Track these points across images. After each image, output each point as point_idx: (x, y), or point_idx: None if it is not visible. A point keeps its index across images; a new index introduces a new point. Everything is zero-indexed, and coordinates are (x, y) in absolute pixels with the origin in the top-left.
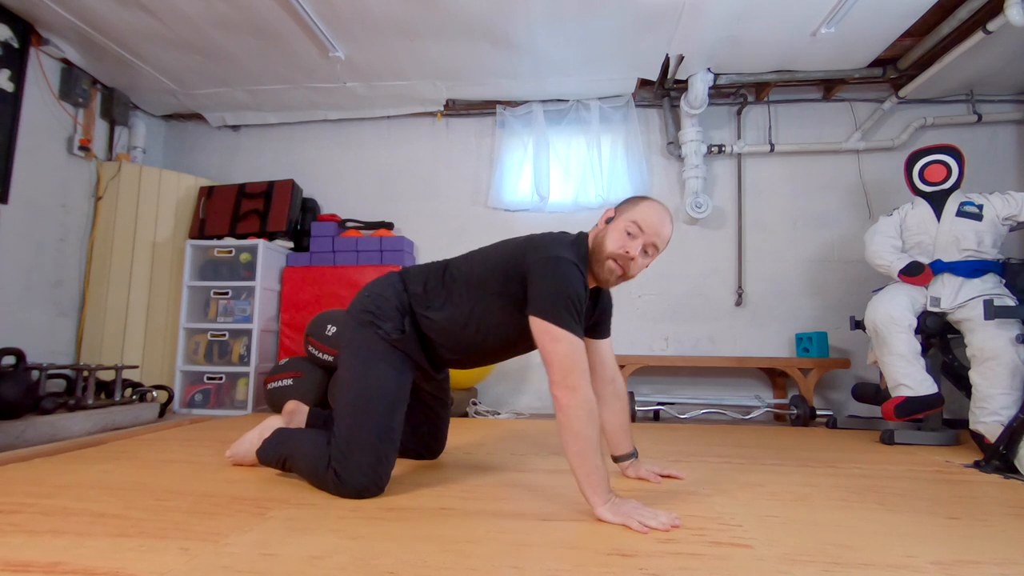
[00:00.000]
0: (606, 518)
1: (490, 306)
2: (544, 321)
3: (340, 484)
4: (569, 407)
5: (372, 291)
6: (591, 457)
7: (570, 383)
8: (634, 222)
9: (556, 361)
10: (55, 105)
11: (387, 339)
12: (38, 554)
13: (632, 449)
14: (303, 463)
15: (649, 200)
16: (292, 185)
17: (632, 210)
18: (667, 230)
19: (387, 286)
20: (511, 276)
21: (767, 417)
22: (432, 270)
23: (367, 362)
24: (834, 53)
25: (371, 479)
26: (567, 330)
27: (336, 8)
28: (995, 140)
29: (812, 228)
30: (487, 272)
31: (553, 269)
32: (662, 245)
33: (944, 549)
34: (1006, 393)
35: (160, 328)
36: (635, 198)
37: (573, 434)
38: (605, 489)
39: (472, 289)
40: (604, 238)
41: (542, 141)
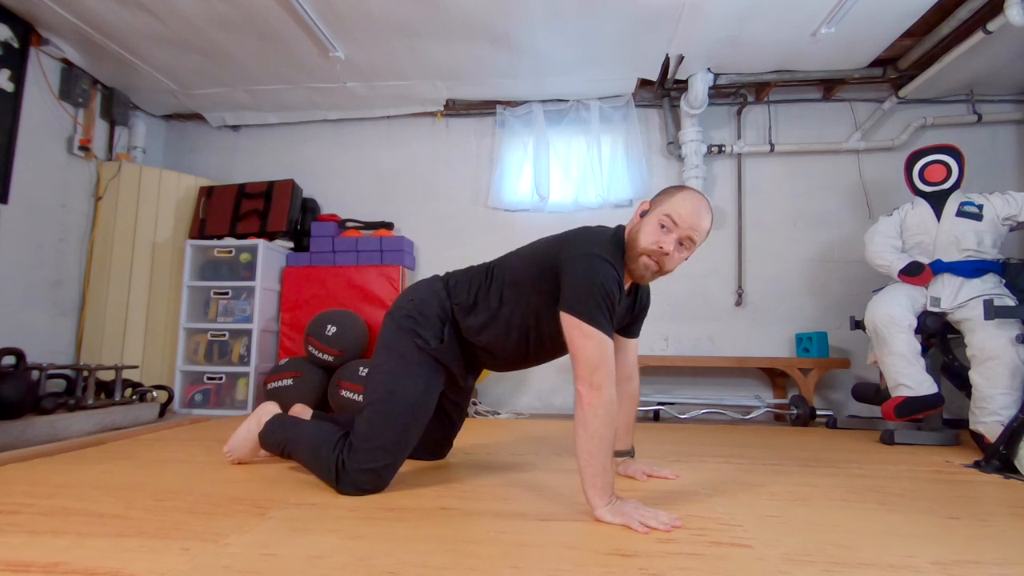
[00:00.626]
0: (605, 519)
1: (530, 305)
2: (575, 318)
3: (342, 473)
4: (591, 405)
5: (416, 295)
6: (601, 458)
7: (595, 381)
8: (668, 215)
9: (584, 358)
10: (55, 105)
11: (425, 348)
12: (38, 554)
13: (630, 448)
14: (306, 447)
15: (685, 190)
16: (292, 185)
17: (667, 202)
18: (704, 222)
19: (431, 292)
20: (545, 272)
21: (767, 417)
22: (475, 276)
23: (400, 368)
24: (834, 53)
25: (374, 478)
26: (598, 328)
27: (336, 8)
28: (995, 140)
29: (812, 228)
30: (523, 271)
31: (586, 266)
32: (699, 238)
33: (944, 549)
34: (1006, 393)
35: (160, 328)
36: (671, 189)
37: (589, 432)
38: (608, 491)
39: (511, 289)
40: (638, 233)
41: (542, 141)
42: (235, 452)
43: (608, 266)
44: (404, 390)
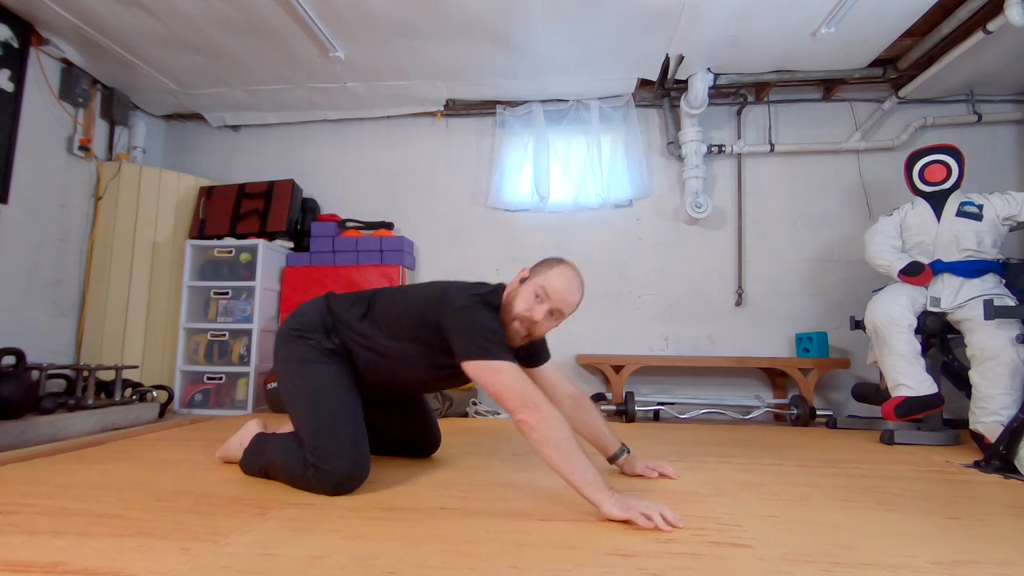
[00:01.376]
0: (613, 514)
1: (406, 348)
2: (478, 361)
3: (323, 477)
4: (537, 423)
5: (297, 312)
6: (577, 461)
7: (529, 403)
8: (543, 287)
9: (506, 389)
10: (55, 105)
11: (319, 348)
12: (38, 554)
13: (620, 445)
14: (281, 471)
15: (563, 266)
16: (292, 185)
17: (544, 275)
18: (574, 298)
19: (313, 308)
20: (425, 323)
21: (767, 417)
22: (358, 301)
23: (306, 365)
24: (834, 53)
25: (351, 461)
26: (501, 359)
27: (336, 8)
28: (995, 140)
29: (812, 228)
30: (404, 317)
31: (467, 315)
32: (568, 311)
33: (944, 549)
34: (1006, 393)
35: (160, 328)
36: (551, 260)
37: (552, 445)
38: (603, 486)
39: (391, 328)
40: (515, 298)
41: (542, 141)
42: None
43: (484, 311)
44: (320, 376)
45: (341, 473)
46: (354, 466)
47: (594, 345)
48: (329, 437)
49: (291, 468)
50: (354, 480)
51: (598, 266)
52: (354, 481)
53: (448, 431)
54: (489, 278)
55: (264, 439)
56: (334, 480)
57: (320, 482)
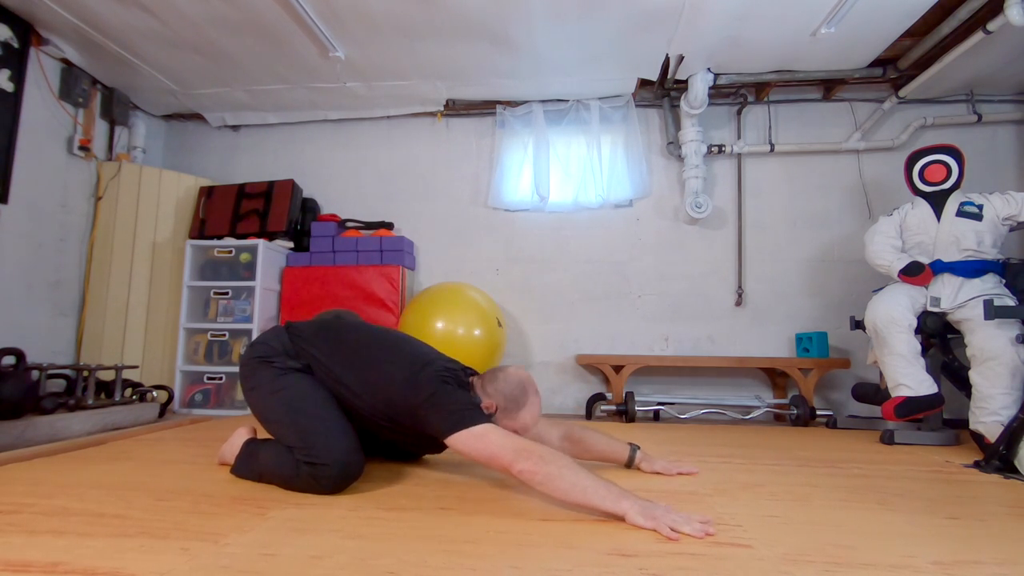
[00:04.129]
0: (638, 523)
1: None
2: (459, 433)
3: (319, 473)
4: (536, 466)
5: (257, 341)
6: (588, 479)
7: (522, 452)
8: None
9: (497, 450)
10: (55, 105)
11: (283, 367)
12: (38, 554)
13: (629, 448)
14: (273, 476)
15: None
16: (292, 185)
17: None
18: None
19: (272, 336)
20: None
21: (767, 417)
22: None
23: (275, 383)
24: (834, 53)
25: (344, 451)
26: (482, 422)
27: (336, 8)
28: (995, 140)
29: (812, 228)
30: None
31: (440, 398)
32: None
33: (944, 549)
34: (1006, 393)
35: (160, 328)
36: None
37: (557, 478)
38: (621, 495)
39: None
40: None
41: (542, 141)
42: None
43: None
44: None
45: (338, 463)
46: (348, 454)
47: (594, 345)
48: (317, 436)
49: (284, 472)
50: (351, 468)
51: (598, 266)
52: (351, 469)
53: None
54: (489, 278)
55: (255, 446)
56: (332, 472)
57: (317, 479)
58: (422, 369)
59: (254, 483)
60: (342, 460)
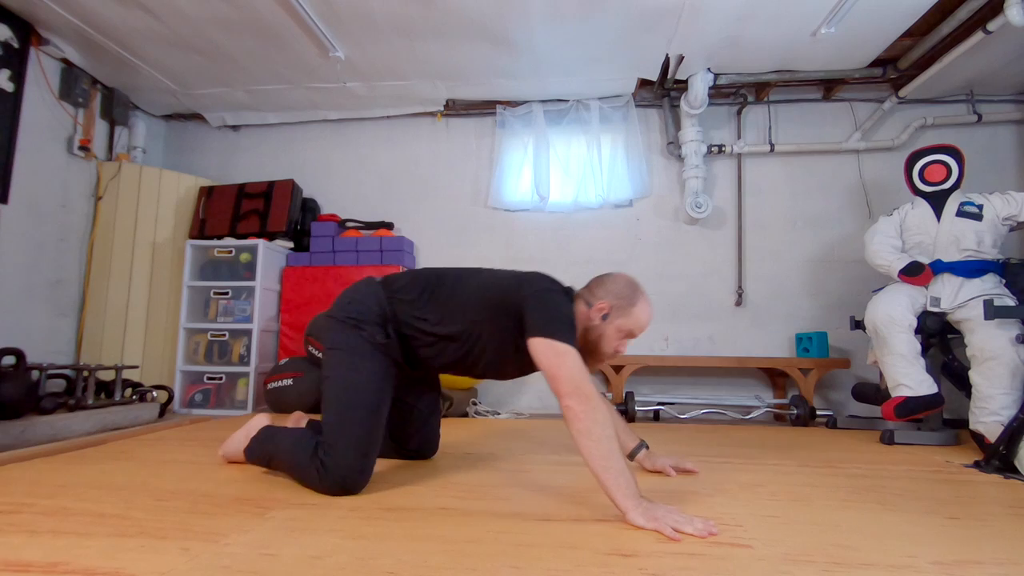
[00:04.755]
0: (638, 523)
1: (482, 332)
2: (546, 339)
3: (323, 474)
4: (585, 413)
5: (353, 298)
6: (616, 461)
7: (581, 392)
8: (633, 330)
9: (564, 374)
10: (55, 105)
11: (371, 341)
12: (38, 554)
13: (639, 441)
14: (286, 457)
15: (643, 298)
16: (292, 185)
17: (631, 315)
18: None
19: (368, 295)
20: (504, 310)
21: (767, 417)
22: (422, 283)
23: (353, 360)
24: (834, 53)
25: (355, 471)
26: (568, 344)
27: (336, 8)
28: (995, 140)
29: (812, 228)
30: (480, 303)
31: (552, 299)
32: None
33: (944, 549)
34: (1006, 393)
35: (160, 328)
36: (630, 294)
37: (594, 441)
38: (635, 493)
39: (466, 312)
40: (601, 335)
41: (542, 141)
42: (229, 456)
43: (568, 304)
44: (362, 378)
45: (341, 478)
46: (355, 477)
47: None
48: (346, 439)
49: (298, 456)
50: (350, 488)
51: (598, 266)
52: (349, 487)
53: (448, 431)
54: None
55: (274, 429)
56: (332, 481)
57: (321, 477)
58: (538, 276)
59: (254, 483)
60: (346, 477)
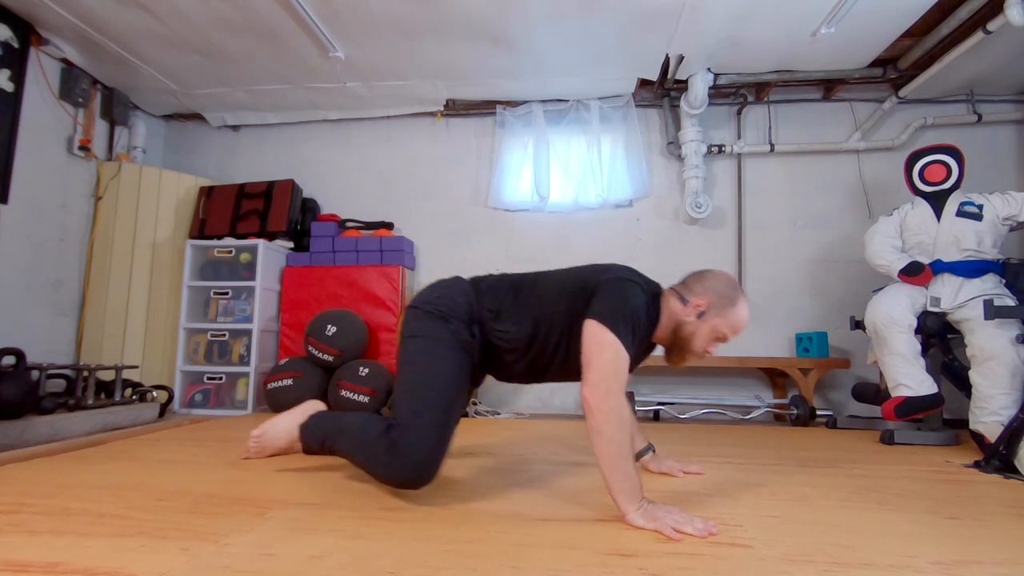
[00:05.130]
0: (637, 523)
1: (557, 324)
2: (599, 323)
3: (393, 455)
4: (601, 411)
5: (444, 292)
6: (623, 463)
7: (605, 388)
8: (729, 330)
9: (598, 365)
10: (55, 105)
11: (457, 336)
12: (38, 554)
13: (647, 443)
14: (352, 435)
15: (743, 300)
16: (292, 185)
17: (729, 316)
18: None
19: (459, 291)
20: (580, 294)
21: (767, 417)
22: (504, 286)
23: (438, 348)
24: (834, 53)
25: (431, 455)
26: (619, 338)
27: (336, 8)
28: (995, 140)
29: (812, 228)
30: (557, 291)
31: (623, 288)
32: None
33: (944, 549)
34: (1006, 393)
35: (160, 328)
36: (730, 294)
37: (604, 440)
38: (636, 495)
39: (541, 307)
40: (693, 333)
41: (542, 141)
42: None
43: (642, 298)
44: (445, 370)
45: (415, 461)
46: (429, 462)
47: None
48: (425, 421)
49: (367, 434)
50: (421, 473)
51: None
52: (421, 474)
53: None
54: None
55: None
56: (403, 463)
57: (391, 458)
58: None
59: (254, 483)
60: (421, 463)
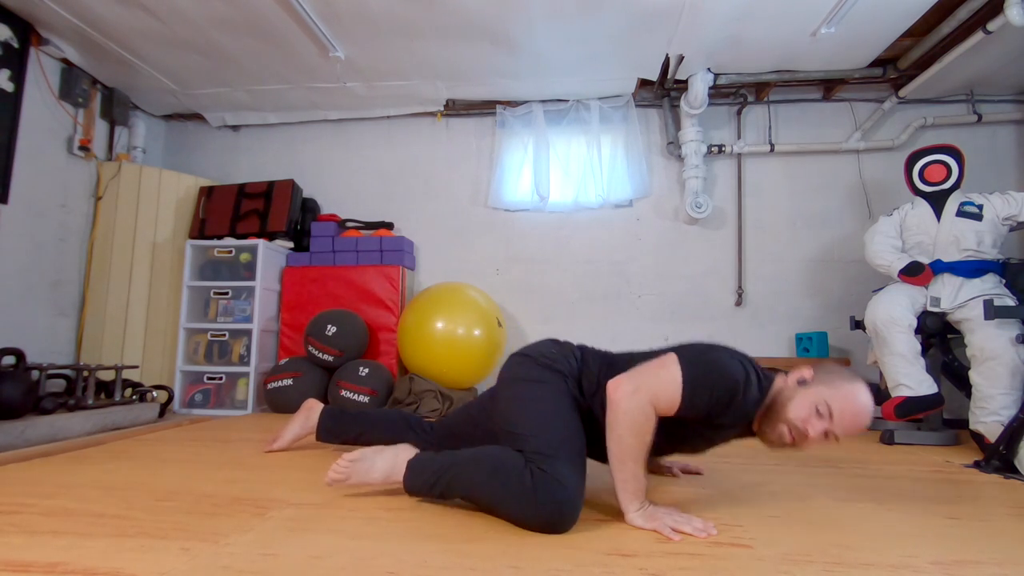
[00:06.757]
0: (636, 523)
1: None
2: (675, 355)
3: (539, 487)
4: (620, 407)
5: (554, 351)
6: (630, 464)
7: (633, 388)
8: (830, 406)
9: (645, 371)
10: (55, 105)
11: (565, 385)
12: (38, 554)
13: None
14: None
15: (858, 386)
16: (292, 185)
17: (835, 389)
18: (860, 428)
19: (569, 354)
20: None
21: None
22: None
23: (548, 386)
24: (834, 53)
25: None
26: (684, 373)
27: (336, 8)
28: (995, 140)
29: (812, 228)
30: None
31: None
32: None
33: (944, 549)
34: (1006, 393)
35: (160, 328)
36: (844, 377)
37: (616, 435)
38: (639, 496)
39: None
40: (788, 400)
41: (542, 141)
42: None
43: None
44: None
45: (560, 499)
46: (575, 499)
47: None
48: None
49: (506, 466)
50: (566, 514)
51: (598, 266)
52: (566, 515)
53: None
54: (489, 278)
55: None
56: (557, 498)
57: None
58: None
59: (254, 483)
60: (566, 498)
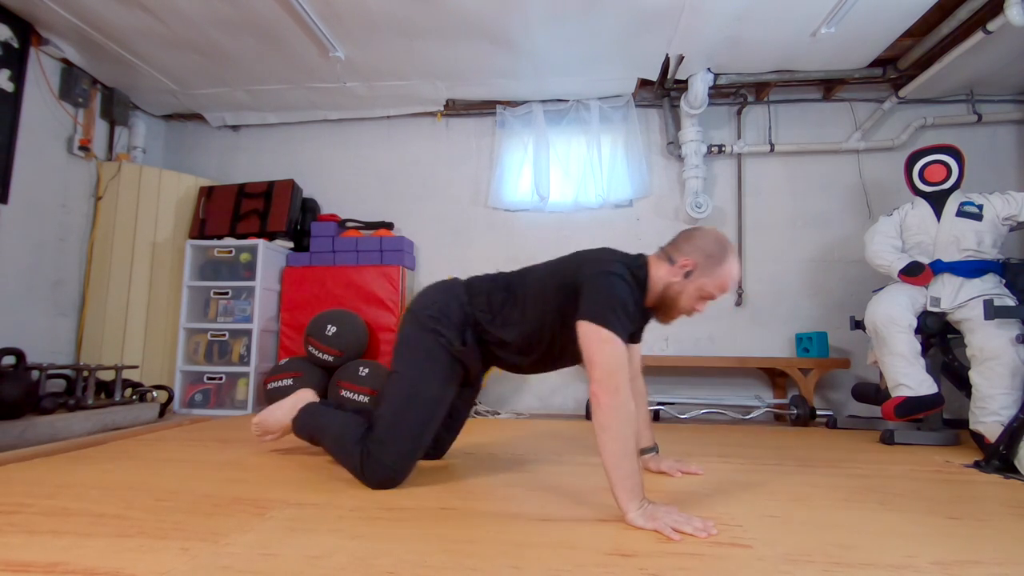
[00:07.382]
0: (637, 523)
1: (548, 320)
2: (592, 323)
3: (366, 463)
4: (609, 407)
5: (438, 299)
6: (627, 461)
7: (613, 384)
8: (716, 289)
9: (602, 362)
10: (55, 105)
11: (448, 347)
12: (38, 554)
13: (653, 443)
14: (333, 436)
15: (732, 257)
16: (292, 185)
17: (716, 274)
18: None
19: (452, 297)
20: (564, 290)
21: (767, 417)
22: (496, 286)
23: (424, 363)
24: (834, 53)
25: (396, 470)
26: (614, 333)
27: (336, 8)
28: (995, 140)
29: (812, 228)
30: (542, 288)
31: (605, 281)
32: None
33: (944, 549)
34: (1006, 393)
35: (160, 328)
36: (719, 253)
37: (611, 435)
38: (638, 494)
39: (532, 306)
40: (679, 294)
41: (542, 141)
42: (263, 427)
43: (625, 284)
44: (428, 385)
45: (382, 473)
46: (394, 475)
47: None
48: (397, 438)
49: (345, 439)
50: (386, 485)
51: None
52: (386, 483)
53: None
54: None
55: (322, 408)
56: (372, 472)
57: (364, 466)
58: (606, 255)
59: (254, 483)
60: (383, 475)
